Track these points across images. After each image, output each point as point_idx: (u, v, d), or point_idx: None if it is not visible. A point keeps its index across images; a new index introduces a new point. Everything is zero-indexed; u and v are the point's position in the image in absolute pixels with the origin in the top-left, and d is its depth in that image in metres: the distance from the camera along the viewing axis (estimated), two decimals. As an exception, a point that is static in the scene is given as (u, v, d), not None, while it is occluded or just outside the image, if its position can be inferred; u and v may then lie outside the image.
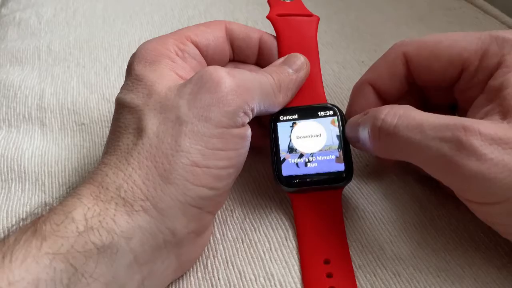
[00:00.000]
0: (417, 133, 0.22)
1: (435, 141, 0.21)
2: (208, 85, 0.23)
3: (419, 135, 0.22)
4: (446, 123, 0.21)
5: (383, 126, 0.23)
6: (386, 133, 0.23)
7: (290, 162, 0.27)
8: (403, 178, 0.30)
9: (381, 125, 0.23)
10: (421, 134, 0.22)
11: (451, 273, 0.25)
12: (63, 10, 0.51)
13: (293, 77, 0.27)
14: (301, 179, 0.26)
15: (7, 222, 0.28)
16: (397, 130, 0.23)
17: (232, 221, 0.28)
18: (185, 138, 0.22)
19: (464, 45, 0.25)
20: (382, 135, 0.24)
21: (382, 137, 0.24)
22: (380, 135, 0.24)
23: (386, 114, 0.24)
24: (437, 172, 0.23)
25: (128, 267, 0.21)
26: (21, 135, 0.35)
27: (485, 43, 0.25)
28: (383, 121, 0.23)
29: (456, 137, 0.21)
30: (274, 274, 0.25)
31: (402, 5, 0.50)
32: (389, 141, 0.23)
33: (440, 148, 0.21)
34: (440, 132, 0.21)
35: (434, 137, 0.21)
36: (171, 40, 0.26)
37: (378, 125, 0.24)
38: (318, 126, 0.27)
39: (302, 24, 0.30)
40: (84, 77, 0.41)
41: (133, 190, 0.21)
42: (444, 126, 0.21)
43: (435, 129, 0.21)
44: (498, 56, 0.24)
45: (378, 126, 0.24)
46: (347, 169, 0.26)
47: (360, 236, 0.27)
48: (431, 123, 0.22)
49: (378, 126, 0.24)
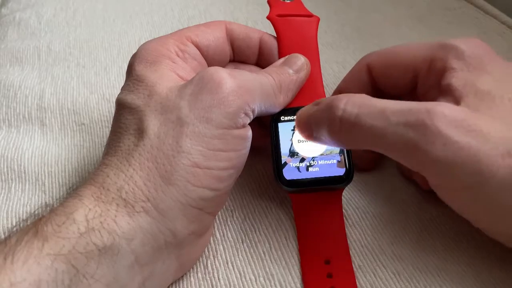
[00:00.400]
0: (380, 120, 0.21)
1: (399, 127, 0.21)
2: (209, 86, 0.23)
3: (383, 122, 0.21)
4: (409, 107, 0.21)
5: (344, 117, 0.22)
6: (347, 123, 0.22)
7: (292, 166, 0.27)
8: (403, 178, 0.31)
9: (342, 115, 0.22)
10: (384, 121, 0.21)
11: (451, 272, 0.25)
12: (63, 10, 0.51)
13: (294, 77, 0.27)
14: (302, 182, 0.26)
15: (7, 222, 0.28)
16: (358, 119, 0.22)
17: (232, 222, 0.28)
18: (186, 139, 0.22)
19: (415, 53, 0.27)
20: (343, 126, 0.23)
21: (343, 128, 0.23)
22: (341, 127, 0.23)
23: (345, 103, 0.23)
24: (403, 158, 0.22)
25: (129, 268, 0.21)
26: (21, 135, 0.35)
27: (433, 50, 0.26)
28: (344, 111, 0.22)
29: (421, 120, 0.20)
30: (274, 274, 0.25)
31: (402, 5, 0.50)
32: (351, 132, 0.23)
33: (404, 133, 0.21)
34: (404, 116, 0.21)
35: (398, 123, 0.21)
36: (172, 41, 0.26)
37: (338, 115, 0.23)
38: None
39: (302, 25, 0.30)
40: (84, 77, 0.41)
41: (134, 191, 0.21)
42: (407, 111, 0.21)
43: (398, 114, 0.21)
44: (444, 61, 0.25)
45: (338, 116, 0.23)
46: (348, 171, 0.26)
47: (360, 236, 0.27)
48: (393, 108, 0.21)
49: (338, 117, 0.23)
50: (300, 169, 0.27)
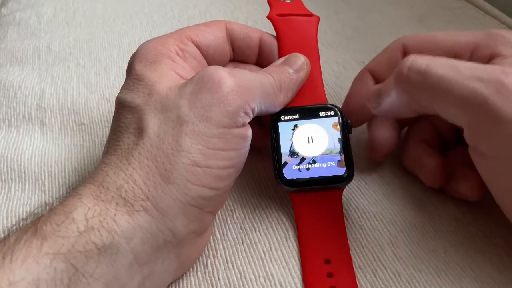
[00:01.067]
0: (453, 72, 0.21)
1: (471, 80, 0.20)
2: (209, 85, 0.23)
3: (455, 74, 0.21)
4: (483, 66, 0.21)
5: (414, 65, 0.22)
6: (417, 71, 0.22)
7: (292, 166, 0.27)
8: (403, 178, 0.31)
9: (412, 64, 0.22)
10: (456, 72, 0.21)
11: (451, 273, 0.25)
12: (63, 10, 0.51)
13: (294, 77, 0.27)
14: (303, 181, 0.26)
15: (7, 222, 0.28)
16: (429, 68, 0.22)
17: (232, 221, 0.28)
18: (186, 138, 0.22)
19: (457, 39, 0.26)
20: (412, 74, 0.22)
21: (412, 77, 0.22)
22: (409, 75, 0.23)
23: (414, 57, 0.23)
24: (467, 115, 0.21)
25: (128, 267, 0.21)
26: (21, 135, 0.35)
27: (478, 38, 0.26)
28: (413, 60, 0.23)
29: (497, 77, 0.20)
30: (274, 274, 0.25)
31: (402, 5, 0.50)
32: (419, 81, 0.22)
33: (477, 87, 0.20)
34: (478, 72, 0.21)
35: (471, 76, 0.21)
36: (172, 40, 0.26)
37: (407, 65, 0.23)
38: (320, 129, 0.27)
39: (302, 24, 0.30)
40: (84, 77, 0.41)
41: (134, 190, 0.21)
42: (482, 68, 0.21)
43: (472, 69, 0.21)
44: (491, 48, 0.24)
45: (407, 65, 0.23)
46: (348, 170, 0.26)
47: (360, 236, 0.27)
48: (467, 64, 0.21)
49: (407, 66, 0.23)
50: (300, 169, 0.27)
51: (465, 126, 0.22)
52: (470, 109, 0.21)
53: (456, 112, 0.22)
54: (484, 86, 0.20)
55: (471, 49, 0.26)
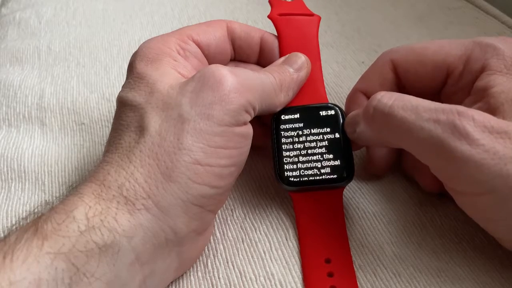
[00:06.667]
0: (412, 114, 0.22)
1: (429, 123, 0.22)
2: (211, 83, 0.23)
3: (414, 116, 0.22)
4: (441, 107, 0.22)
5: (379, 106, 0.24)
6: (381, 112, 0.23)
7: (292, 163, 0.27)
8: (403, 178, 0.30)
9: (377, 104, 0.24)
10: (415, 115, 0.22)
11: (451, 273, 0.25)
12: (63, 10, 0.51)
13: (294, 76, 0.27)
14: (303, 181, 0.26)
15: (7, 221, 0.28)
16: (392, 110, 0.23)
17: (232, 221, 0.28)
18: (187, 136, 0.22)
19: (449, 51, 0.26)
20: (377, 114, 0.24)
21: (376, 117, 0.24)
22: (374, 115, 0.24)
23: (382, 95, 0.24)
24: (428, 155, 0.23)
25: (129, 266, 0.21)
26: (21, 135, 0.35)
27: (469, 48, 0.26)
28: (379, 101, 0.24)
29: (451, 120, 0.21)
30: (275, 273, 0.25)
31: (402, 5, 0.50)
32: (383, 121, 0.24)
33: (433, 129, 0.21)
34: (435, 114, 0.22)
35: (428, 119, 0.22)
36: (173, 39, 0.26)
37: (373, 105, 0.24)
38: (320, 128, 0.27)
39: (303, 24, 0.30)
40: (84, 77, 0.41)
41: (135, 189, 0.21)
42: (439, 110, 0.22)
43: (430, 111, 0.22)
44: (482, 61, 0.25)
45: (373, 105, 0.24)
46: (348, 169, 0.26)
47: (360, 236, 0.27)
48: (426, 106, 0.22)
49: (373, 106, 0.24)
50: (300, 168, 0.27)
51: (429, 166, 0.23)
52: (430, 150, 0.22)
53: (419, 152, 0.23)
54: (440, 128, 0.21)
55: (464, 61, 0.26)
